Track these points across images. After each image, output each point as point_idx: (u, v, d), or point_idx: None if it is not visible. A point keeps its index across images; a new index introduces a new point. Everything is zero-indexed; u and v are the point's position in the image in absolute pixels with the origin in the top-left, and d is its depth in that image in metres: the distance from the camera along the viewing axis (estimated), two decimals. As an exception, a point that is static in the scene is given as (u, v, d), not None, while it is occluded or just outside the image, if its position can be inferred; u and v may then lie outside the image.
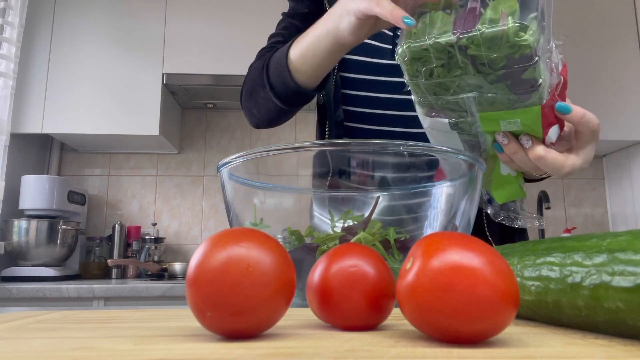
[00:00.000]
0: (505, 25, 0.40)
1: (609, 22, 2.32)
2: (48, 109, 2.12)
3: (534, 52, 0.42)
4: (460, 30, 0.42)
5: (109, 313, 0.36)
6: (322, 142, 0.45)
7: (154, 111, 2.13)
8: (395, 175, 0.48)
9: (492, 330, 0.22)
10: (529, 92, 0.44)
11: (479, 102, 0.47)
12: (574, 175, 2.54)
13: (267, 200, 0.51)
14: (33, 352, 0.21)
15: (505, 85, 0.44)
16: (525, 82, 0.44)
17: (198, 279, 0.24)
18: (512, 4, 0.42)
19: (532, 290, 0.29)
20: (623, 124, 2.25)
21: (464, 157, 0.45)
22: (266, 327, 0.25)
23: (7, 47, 1.93)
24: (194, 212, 2.44)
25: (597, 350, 0.21)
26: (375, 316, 0.28)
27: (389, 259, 0.44)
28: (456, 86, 0.46)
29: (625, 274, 0.22)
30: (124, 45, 2.20)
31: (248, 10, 2.24)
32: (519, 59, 0.42)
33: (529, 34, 0.41)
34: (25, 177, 2.06)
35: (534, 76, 0.43)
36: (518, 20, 0.41)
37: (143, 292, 1.75)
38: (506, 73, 0.43)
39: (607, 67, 2.29)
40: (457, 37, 0.42)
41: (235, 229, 0.26)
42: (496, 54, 0.42)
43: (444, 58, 0.44)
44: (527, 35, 0.41)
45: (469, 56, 0.43)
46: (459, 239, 0.24)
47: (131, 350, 0.21)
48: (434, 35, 0.43)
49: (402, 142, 0.43)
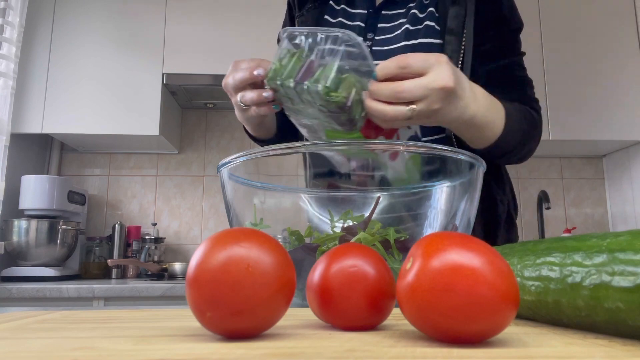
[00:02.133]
0: (319, 86, 0.53)
1: (609, 22, 2.32)
2: (48, 109, 2.12)
3: (345, 104, 0.54)
4: (297, 80, 0.55)
5: (109, 313, 0.36)
6: (322, 143, 0.45)
7: (154, 111, 2.13)
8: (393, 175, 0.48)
9: (492, 330, 0.22)
10: (349, 125, 0.58)
11: (324, 127, 0.61)
12: (574, 176, 2.54)
13: (267, 200, 0.51)
14: (33, 352, 0.21)
15: (333, 120, 0.57)
16: (344, 121, 0.57)
17: (198, 279, 0.24)
18: (330, 68, 0.55)
19: (532, 290, 0.29)
20: (623, 124, 2.25)
21: (464, 157, 0.45)
22: (266, 327, 0.25)
23: (7, 47, 1.93)
24: (194, 212, 2.44)
25: (597, 350, 0.21)
26: (375, 316, 0.28)
27: (389, 259, 0.44)
28: (305, 114, 0.59)
29: (625, 274, 0.22)
30: (124, 45, 2.20)
31: (248, 10, 2.24)
32: (335, 108, 0.55)
33: (339, 91, 0.54)
34: (25, 177, 2.06)
35: (349, 117, 0.56)
36: (330, 82, 0.54)
37: (143, 292, 1.75)
38: (330, 114, 0.56)
39: (607, 67, 2.28)
40: (294, 84, 0.54)
41: (235, 229, 0.26)
42: (319, 103, 0.55)
43: (291, 93, 0.56)
44: (337, 93, 0.54)
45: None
46: (459, 239, 0.24)
47: (131, 350, 0.21)
48: (281, 78, 0.56)
49: (402, 142, 0.43)
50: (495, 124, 0.67)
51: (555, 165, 2.59)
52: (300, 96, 0.56)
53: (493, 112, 0.67)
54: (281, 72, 0.56)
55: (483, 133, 0.66)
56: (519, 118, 0.73)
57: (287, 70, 0.56)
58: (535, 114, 0.79)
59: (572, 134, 2.23)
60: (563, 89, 2.25)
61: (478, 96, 0.63)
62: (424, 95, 0.55)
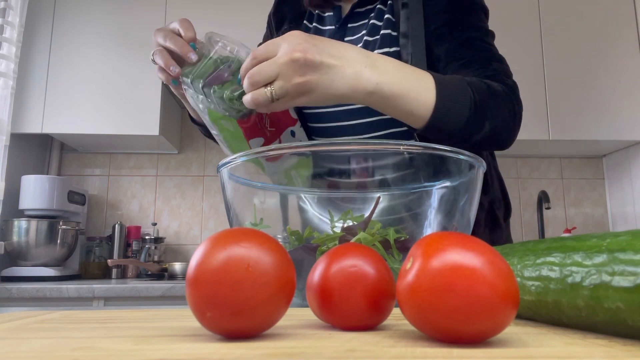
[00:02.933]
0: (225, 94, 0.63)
1: (609, 22, 2.32)
2: (48, 109, 2.12)
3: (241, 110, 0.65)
4: (206, 82, 0.63)
5: (109, 313, 0.36)
6: (321, 143, 0.45)
7: (154, 111, 2.13)
8: (394, 174, 0.48)
9: (492, 330, 0.22)
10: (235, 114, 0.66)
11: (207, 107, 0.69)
12: (574, 176, 2.54)
13: (267, 200, 0.51)
14: (33, 352, 0.21)
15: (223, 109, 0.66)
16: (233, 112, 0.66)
17: (198, 279, 0.24)
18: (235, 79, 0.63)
19: (532, 290, 0.29)
20: (623, 124, 2.25)
21: (464, 157, 0.45)
22: (266, 327, 0.25)
23: (7, 47, 1.93)
24: (194, 212, 2.44)
25: (597, 350, 0.21)
26: (375, 316, 0.28)
27: (389, 259, 0.44)
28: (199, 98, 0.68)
29: (625, 274, 0.22)
30: (124, 45, 2.20)
31: (248, 10, 2.24)
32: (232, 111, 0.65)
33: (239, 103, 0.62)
34: (25, 177, 2.06)
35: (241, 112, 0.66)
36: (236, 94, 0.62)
37: (143, 292, 1.75)
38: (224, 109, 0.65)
39: (607, 67, 2.28)
40: (202, 84, 0.63)
41: (235, 229, 0.26)
42: (221, 106, 0.64)
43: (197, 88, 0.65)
44: (238, 103, 0.62)
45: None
46: (459, 239, 0.24)
47: (131, 350, 0.21)
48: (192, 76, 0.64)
49: (401, 142, 0.43)
50: (420, 95, 0.61)
51: (555, 165, 2.59)
52: (203, 92, 0.65)
53: (411, 81, 0.61)
54: (194, 71, 0.64)
55: (404, 106, 0.60)
56: (463, 89, 0.64)
57: (199, 70, 0.63)
58: (502, 87, 0.70)
59: (572, 134, 2.23)
60: (563, 89, 2.25)
61: (382, 64, 0.59)
62: (274, 71, 0.55)
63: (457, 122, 0.63)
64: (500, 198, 0.83)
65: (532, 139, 2.21)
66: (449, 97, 0.63)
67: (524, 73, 2.17)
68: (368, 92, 0.58)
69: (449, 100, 0.63)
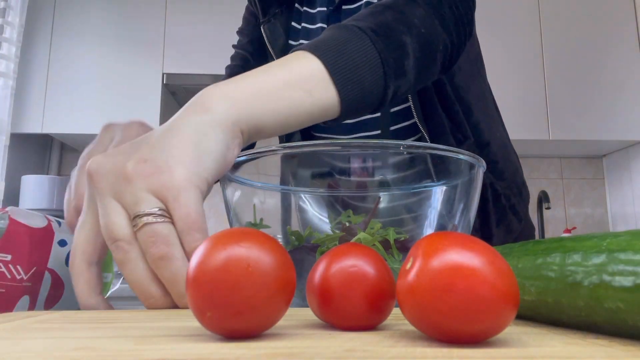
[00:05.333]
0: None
1: (609, 22, 2.31)
2: (48, 109, 2.12)
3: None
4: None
5: (109, 313, 0.36)
6: (321, 143, 0.45)
7: (154, 111, 2.13)
8: (394, 174, 0.48)
9: (492, 330, 0.22)
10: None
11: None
12: (574, 176, 2.54)
13: (267, 200, 0.51)
14: (33, 352, 0.21)
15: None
16: None
17: (198, 279, 0.24)
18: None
19: (532, 290, 0.29)
20: (623, 124, 2.25)
21: (464, 157, 0.45)
22: (266, 327, 0.25)
23: (7, 47, 1.93)
24: (194, 212, 2.43)
25: (597, 350, 0.21)
26: (375, 316, 0.28)
27: (389, 259, 0.44)
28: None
29: (625, 274, 0.22)
30: (124, 45, 2.20)
31: (248, 10, 2.24)
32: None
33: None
34: (25, 177, 2.06)
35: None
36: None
37: (143, 292, 1.75)
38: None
39: (607, 67, 2.28)
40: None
41: (235, 229, 0.26)
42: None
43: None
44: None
45: None
46: (459, 239, 0.24)
47: (131, 350, 0.21)
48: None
49: (401, 142, 0.43)
50: (302, 97, 0.45)
51: (555, 165, 2.59)
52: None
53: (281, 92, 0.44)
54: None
55: (298, 108, 0.45)
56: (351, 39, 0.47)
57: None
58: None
59: (572, 134, 2.23)
60: (563, 89, 2.25)
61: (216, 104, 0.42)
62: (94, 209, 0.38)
63: (372, 69, 0.48)
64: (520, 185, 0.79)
65: (532, 139, 2.21)
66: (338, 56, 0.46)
67: (524, 73, 2.17)
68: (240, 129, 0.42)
69: (341, 62, 0.46)
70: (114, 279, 0.57)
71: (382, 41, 0.48)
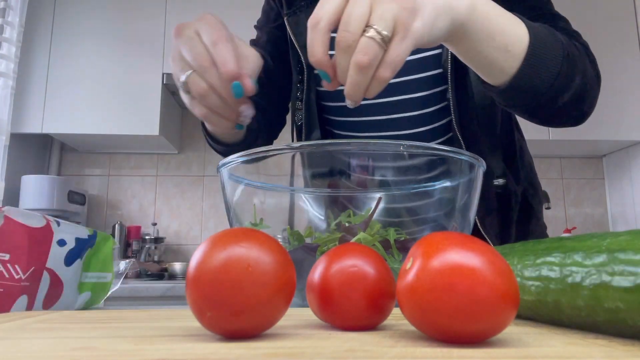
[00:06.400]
0: None
1: (609, 22, 2.31)
2: (48, 109, 2.12)
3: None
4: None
5: (109, 313, 0.36)
6: (321, 142, 0.45)
7: (154, 111, 2.13)
8: (394, 174, 0.48)
9: (492, 330, 0.22)
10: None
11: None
12: (573, 175, 2.54)
13: (267, 200, 0.51)
14: (33, 352, 0.21)
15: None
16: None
17: (198, 279, 0.24)
18: None
19: (532, 290, 0.29)
20: (623, 124, 2.25)
21: (464, 157, 0.45)
22: (266, 327, 0.25)
23: (7, 47, 1.93)
24: (194, 212, 2.44)
25: (597, 350, 0.21)
26: (375, 316, 0.28)
27: (389, 259, 0.44)
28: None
29: (625, 274, 0.22)
30: (124, 45, 2.20)
31: (248, 10, 2.24)
32: None
33: None
34: (25, 177, 2.06)
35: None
36: None
37: (143, 292, 1.75)
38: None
39: (607, 67, 2.28)
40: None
41: (235, 229, 0.26)
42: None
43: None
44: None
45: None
46: (459, 239, 0.24)
47: (131, 350, 0.21)
48: None
49: (401, 142, 0.43)
50: (512, 30, 0.52)
51: (555, 165, 2.59)
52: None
53: (502, 15, 0.52)
54: None
55: (500, 35, 0.50)
56: (551, 35, 0.56)
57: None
58: (578, 44, 0.63)
59: (572, 134, 2.23)
60: (563, 89, 2.25)
61: None
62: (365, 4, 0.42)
63: (551, 70, 0.54)
64: (535, 185, 0.79)
65: (532, 139, 2.21)
66: (541, 38, 0.53)
67: (524, 73, 2.16)
68: (467, 5, 0.47)
69: (541, 43, 0.53)
70: (114, 279, 0.57)
71: (566, 63, 0.56)
